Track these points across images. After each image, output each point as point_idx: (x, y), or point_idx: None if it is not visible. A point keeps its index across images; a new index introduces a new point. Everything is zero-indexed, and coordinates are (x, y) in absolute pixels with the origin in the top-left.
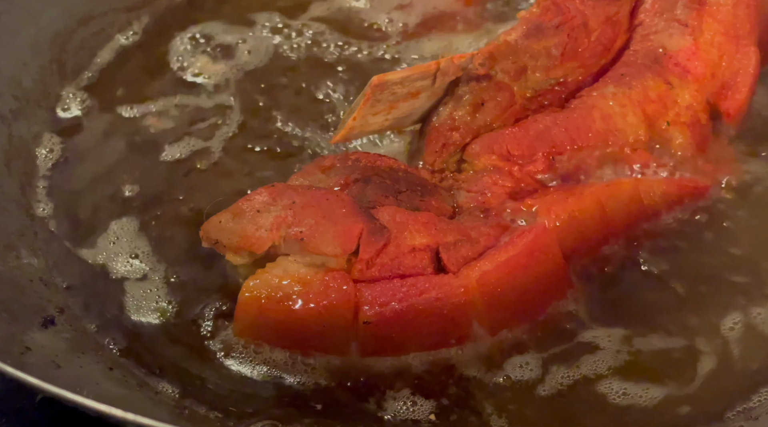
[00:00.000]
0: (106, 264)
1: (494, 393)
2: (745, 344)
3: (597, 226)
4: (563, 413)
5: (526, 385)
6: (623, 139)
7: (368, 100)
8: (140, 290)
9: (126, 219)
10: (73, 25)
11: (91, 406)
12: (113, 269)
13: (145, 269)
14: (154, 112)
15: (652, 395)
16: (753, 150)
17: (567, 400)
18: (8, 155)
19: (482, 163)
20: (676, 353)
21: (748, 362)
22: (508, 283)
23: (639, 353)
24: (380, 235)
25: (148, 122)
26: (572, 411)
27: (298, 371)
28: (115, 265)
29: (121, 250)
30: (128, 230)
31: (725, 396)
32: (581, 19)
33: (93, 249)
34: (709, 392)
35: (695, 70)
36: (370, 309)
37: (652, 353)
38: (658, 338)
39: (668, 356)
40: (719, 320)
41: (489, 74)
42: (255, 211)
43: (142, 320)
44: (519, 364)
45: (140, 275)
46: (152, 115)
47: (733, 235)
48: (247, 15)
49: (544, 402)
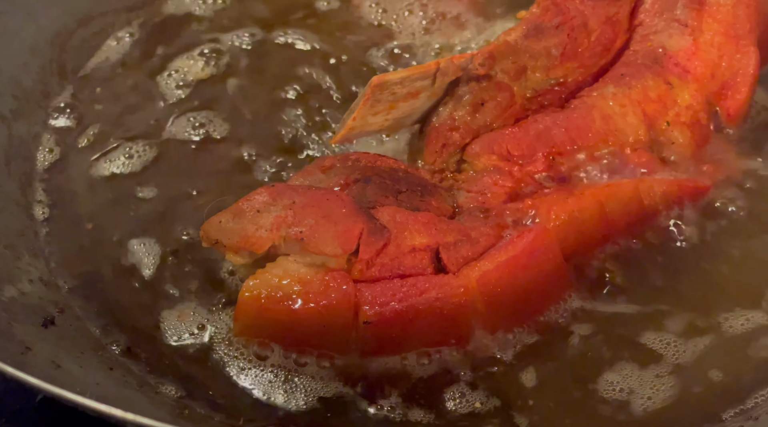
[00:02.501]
0: (106, 264)
1: (494, 392)
2: (745, 343)
3: (597, 226)
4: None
5: (526, 384)
6: (623, 139)
7: (368, 101)
8: (140, 289)
9: (126, 219)
10: (73, 25)
11: (91, 406)
12: (113, 268)
13: (145, 268)
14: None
15: (651, 394)
16: (753, 150)
17: (566, 399)
18: (8, 155)
19: (482, 163)
20: (675, 353)
21: (748, 362)
22: (508, 283)
23: (638, 353)
24: (380, 235)
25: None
26: (571, 410)
27: (298, 370)
28: (115, 264)
29: (122, 249)
30: (128, 229)
31: (725, 396)
32: (581, 19)
33: (93, 249)
34: (709, 392)
35: (695, 70)
36: (370, 309)
37: (652, 353)
38: (658, 338)
39: (668, 355)
40: (720, 320)
41: (489, 74)
42: (255, 211)
43: (142, 320)
44: (518, 363)
45: (140, 275)
46: (152, 116)
47: (734, 235)
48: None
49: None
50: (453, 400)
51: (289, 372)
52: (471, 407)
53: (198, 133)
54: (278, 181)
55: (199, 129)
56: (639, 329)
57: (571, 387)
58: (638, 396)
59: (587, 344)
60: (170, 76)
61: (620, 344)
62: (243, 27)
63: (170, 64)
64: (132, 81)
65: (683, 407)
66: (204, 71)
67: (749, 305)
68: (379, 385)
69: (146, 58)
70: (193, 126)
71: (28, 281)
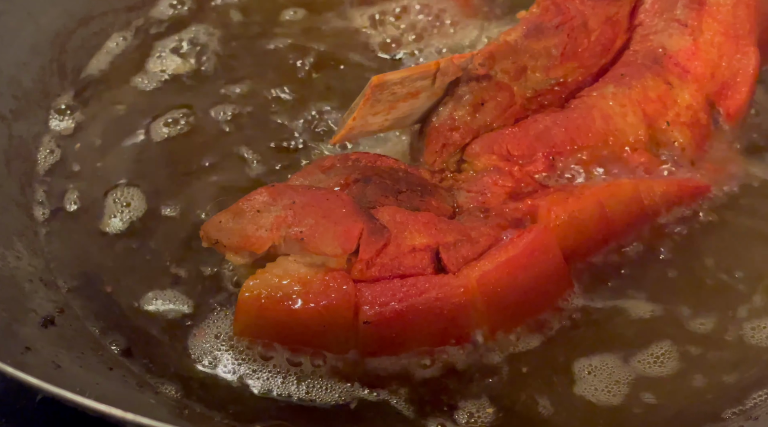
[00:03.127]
0: (106, 264)
1: (494, 392)
2: (745, 343)
3: (597, 226)
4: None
5: (526, 384)
6: (623, 139)
7: (368, 101)
8: (141, 289)
9: (126, 218)
10: (73, 25)
11: (91, 406)
12: (113, 268)
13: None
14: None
15: (651, 394)
16: (753, 149)
17: (566, 398)
18: (8, 155)
19: (482, 163)
20: (675, 353)
21: (747, 362)
22: (508, 283)
23: (639, 353)
24: (380, 235)
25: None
26: (570, 410)
27: (298, 370)
28: (115, 264)
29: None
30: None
31: (725, 396)
32: (581, 19)
33: (93, 249)
34: (708, 392)
35: (695, 70)
36: (370, 309)
37: (652, 352)
38: (658, 337)
39: (667, 355)
40: (719, 320)
41: (489, 74)
42: (255, 211)
43: (142, 320)
44: (518, 363)
45: (140, 274)
46: (152, 116)
47: (734, 234)
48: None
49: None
50: (453, 399)
51: (289, 372)
52: (471, 406)
53: (197, 133)
54: (278, 181)
55: (199, 129)
56: (639, 328)
57: (571, 386)
58: (637, 396)
59: (586, 344)
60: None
61: (620, 343)
62: (243, 26)
63: (170, 63)
64: (132, 81)
65: (683, 407)
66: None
67: (749, 304)
68: (379, 385)
69: (146, 57)
70: (193, 126)
71: (28, 281)
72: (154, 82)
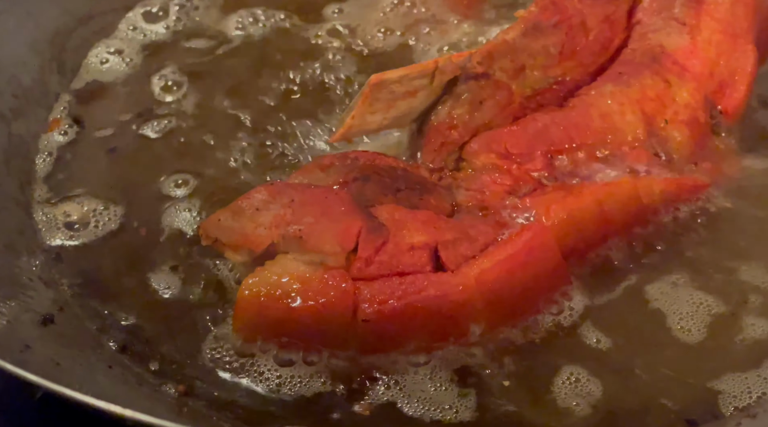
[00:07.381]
0: (106, 262)
1: (493, 391)
2: (744, 341)
3: (596, 224)
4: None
5: (526, 383)
6: (622, 137)
7: (366, 99)
8: (140, 288)
9: (126, 218)
10: (72, 24)
11: (91, 403)
12: (113, 267)
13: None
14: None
15: (650, 393)
16: (751, 148)
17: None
18: (8, 154)
19: (481, 161)
20: (675, 350)
21: (747, 360)
22: (507, 281)
23: (637, 353)
24: (379, 233)
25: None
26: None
27: (297, 368)
28: (114, 263)
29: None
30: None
31: (724, 393)
32: (579, 18)
33: (93, 247)
34: (708, 390)
35: (693, 69)
36: (368, 307)
37: (652, 350)
38: (658, 335)
39: (667, 354)
40: (719, 317)
41: (487, 73)
42: (254, 209)
43: (142, 318)
44: (516, 361)
45: (139, 272)
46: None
47: (733, 233)
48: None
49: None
50: (452, 398)
51: (289, 370)
52: (470, 405)
53: (197, 132)
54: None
55: (199, 128)
56: (639, 326)
57: (571, 386)
58: (636, 395)
59: (586, 344)
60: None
61: (618, 342)
62: (242, 26)
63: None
64: (131, 80)
65: (682, 403)
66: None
67: (749, 303)
68: (378, 382)
69: (146, 57)
70: (193, 125)
71: (28, 279)
72: (153, 82)
